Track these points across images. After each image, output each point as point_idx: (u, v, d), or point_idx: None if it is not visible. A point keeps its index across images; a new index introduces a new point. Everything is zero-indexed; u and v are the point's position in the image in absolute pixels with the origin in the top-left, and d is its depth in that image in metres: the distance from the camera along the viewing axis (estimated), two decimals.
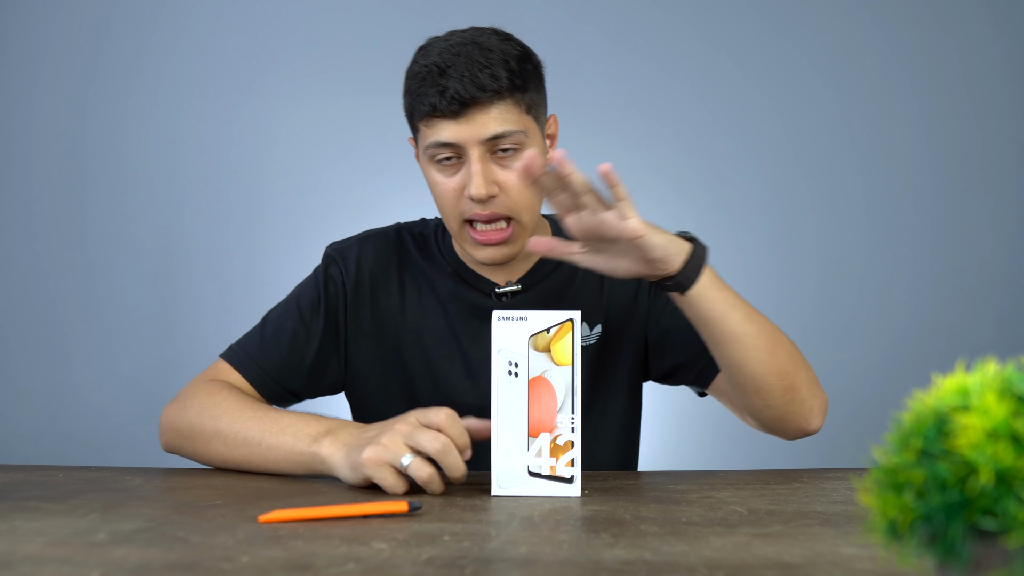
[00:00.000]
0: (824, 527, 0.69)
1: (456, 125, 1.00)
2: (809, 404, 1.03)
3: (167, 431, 1.07)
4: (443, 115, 1.00)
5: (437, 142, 1.02)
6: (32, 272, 2.37)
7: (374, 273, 1.16)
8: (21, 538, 0.65)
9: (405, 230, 1.20)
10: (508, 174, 1.03)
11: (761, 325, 0.99)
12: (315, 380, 1.15)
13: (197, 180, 2.38)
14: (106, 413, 2.32)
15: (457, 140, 1.01)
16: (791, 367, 1.00)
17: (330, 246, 1.20)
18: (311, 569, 0.55)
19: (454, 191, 1.04)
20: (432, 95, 1.00)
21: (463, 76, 0.99)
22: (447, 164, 1.04)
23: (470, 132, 1.00)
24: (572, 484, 0.84)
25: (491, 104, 1.00)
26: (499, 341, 0.85)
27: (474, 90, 0.99)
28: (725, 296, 0.97)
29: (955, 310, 2.30)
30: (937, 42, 2.33)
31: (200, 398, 1.05)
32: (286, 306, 1.16)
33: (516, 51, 1.05)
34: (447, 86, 0.99)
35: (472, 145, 1.01)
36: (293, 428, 0.94)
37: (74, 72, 2.39)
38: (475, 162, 1.01)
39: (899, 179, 2.32)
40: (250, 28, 2.39)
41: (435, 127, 1.02)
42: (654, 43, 2.36)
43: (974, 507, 0.35)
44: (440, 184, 1.05)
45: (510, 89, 1.01)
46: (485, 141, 1.01)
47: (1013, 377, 0.37)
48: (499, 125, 1.01)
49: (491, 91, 1.00)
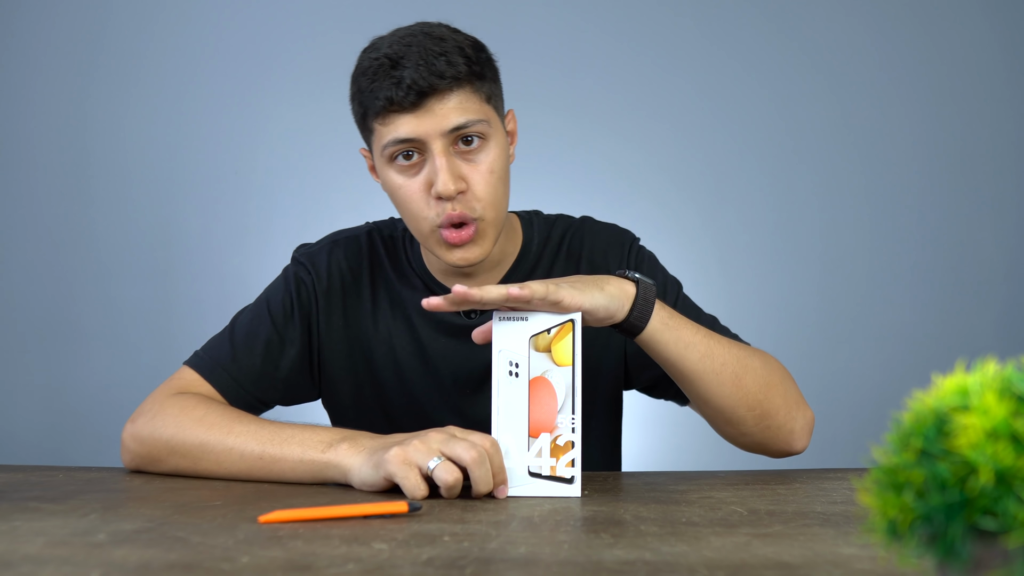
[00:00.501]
0: (824, 527, 0.69)
1: (415, 118, 0.95)
2: (788, 428, 1.00)
3: (135, 448, 1.00)
4: (400, 108, 0.95)
5: (396, 139, 0.96)
6: (32, 272, 2.37)
7: (345, 280, 1.12)
8: (21, 538, 0.65)
9: (376, 232, 1.15)
10: (473, 168, 0.98)
11: (723, 360, 0.96)
12: (290, 389, 1.11)
13: (197, 180, 2.38)
14: (106, 413, 2.32)
15: (417, 135, 0.95)
16: (762, 395, 0.98)
17: (298, 250, 1.16)
18: (311, 569, 0.55)
19: (419, 192, 0.98)
20: (387, 88, 0.94)
21: (418, 65, 0.94)
22: (407, 164, 0.98)
23: (431, 124, 0.95)
24: (572, 484, 0.84)
25: (450, 92, 0.95)
26: (500, 341, 0.85)
27: (431, 78, 0.93)
28: (680, 335, 0.94)
29: (955, 310, 2.30)
30: (938, 42, 2.33)
31: (174, 413, 0.98)
32: (256, 311, 1.11)
33: (469, 40, 1.01)
34: (402, 76, 0.93)
35: (434, 138, 0.95)
36: (299, 437, 0.91)
37: (74, 72, 2.39)
38: (439, 156, 0.95)
39: (900, 179, 2.32)
40: (250, 29, 2.39)
41: (392, 123, 0.96)
42: (655, 42, 2.36)
43: (974, 507, 0.35)
44: (402, 188, 0.99)
45: (468, 76, 0.96)
46: (447, 133, 0.95)
47: (1013, 377, 0.37)
48: (460, 115, 0.96)
49: (449, 78, 0.94)
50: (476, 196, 0.98)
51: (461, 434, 0.84)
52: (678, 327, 0.94)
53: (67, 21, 2.39)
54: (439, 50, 0.95)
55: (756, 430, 0.99)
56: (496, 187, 1.00)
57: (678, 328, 0.94)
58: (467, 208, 0.98)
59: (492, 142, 1.00)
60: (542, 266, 1.13)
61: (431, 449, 0.81)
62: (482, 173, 0.98)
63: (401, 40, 0.97)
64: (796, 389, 1.02)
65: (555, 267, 1.13)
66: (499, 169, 1.00)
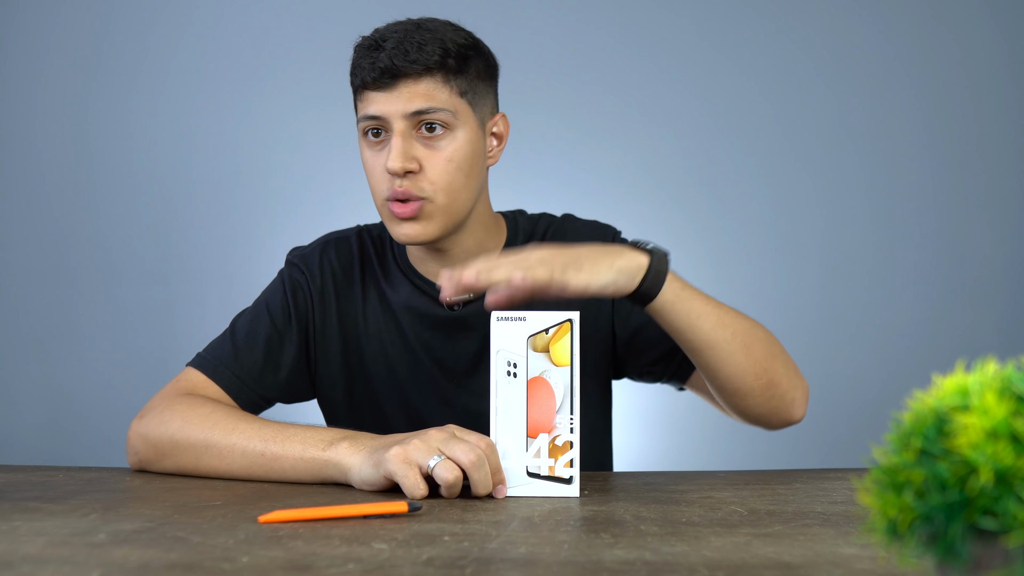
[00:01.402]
0: (824, 527, 0.69)
1: (384, 97, 1.00)
2: (791, 396, 1.02)
3: (141, 447, 1.01)
4: (375, 87, 1.00)
5: (366, 115, 1.02)
6: (32, 272, 2.37)
7: (337, 279, 1.15)
8: (21, 538, 0.65)
9: (365, 232, 1.19)
10: (431, 153, 1.01)
11: (734, 329, 0.97)
12: (291, 387, 1.13)
13: (197, 180, 2.38)
14: (107, 414, 2.32)
15: (382, 113, 1.01)
16: (768, 364, 1.00)
17: (292, 252, 1.19)
18: (311, 569, 0.55)
19: (379, 168, 1.03)
20: (365, 68, 1.01)
21: (394, 49, 0.99)
22: (375, 140, 1.03)
23: (395, 105, 1.00)
24: (571, 484, 0.84)
25: (420, 79, 1.00)
26: (498, 341, 0.85)
27: (403, 62, 0.99)
28: (693, 305, 0.95)
29: (955, 310, 2.30)
30: (937, 42, 2.33)
31: (181, 411, 1.00)
32: (255, 312, 1.14)
33: (462, 39, 1.04)
34: (378, 58, 1.00)
35: (395, 118, 1.00)
36: (301, 436, 0.92)
37: (75, 73, 2.39)
38: (395, 136, 1.00)
39: (899, 179, 2.32)
40: (252, 30, 2.39)
41: (366, 100, 1.02)
42: (653, 44, 2.35)
43: (974, 507, 0.35)
44: (367, 161, 1.05)
45: (441, 67, 1.01)
46: (408, 115, 1.00)
47: (1013, 377, 0.37)
48: (424, 101, 1.00)
49: (420, 64, 0.99)
50: (428, 178, 1.02)
51: (461, 434, 0.84)
52: (691, 297, 0.96)
53: (68, 22, 2.39)
54: (419, 39, 1.00)
55: (762, 399, 1.01)
56: (453, 175, 1.02)
57: (691, 298, 0.96)
58: (414, 187, 1.01)
59: (458, 133, 1.03)
60: None
61: (431, 448, 0.82)
62: (438, 159, 1.02)
63: (393, 26, 1.04)
64: (791, 359, 1.05)
65: None
66: (459, 159, 1.03)
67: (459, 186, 1.03)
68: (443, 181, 1.02)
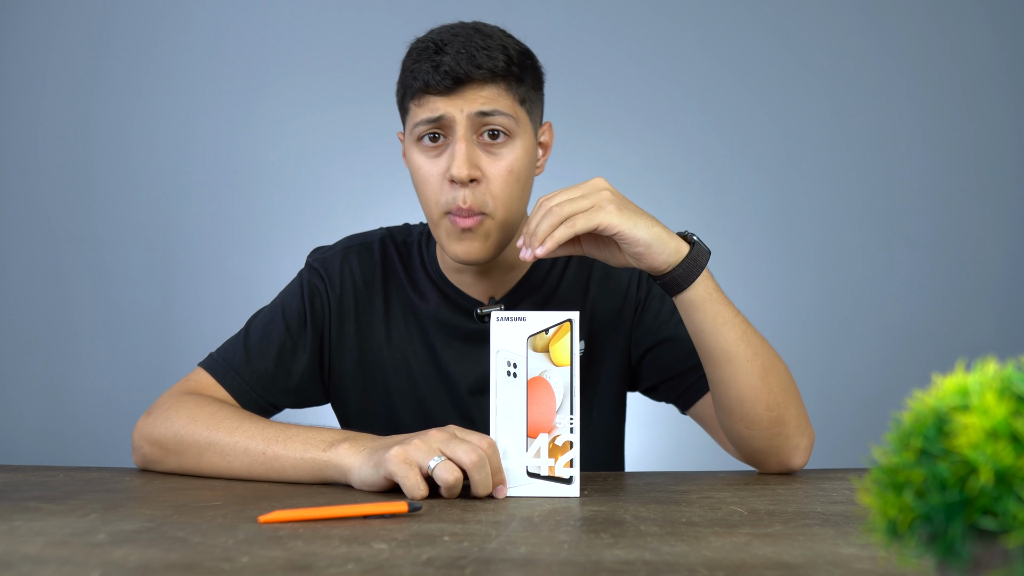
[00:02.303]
0: (824, 527, 0.69)
1: (447, 101, 0.98)
2: (795, 442, 1.00)
3: (146, 444, 1.01)
4: (436, 91, 0.97)
5: (426, 119, 0.98)
6: (32, 272, 2.37)
7: (358, 288, 1.13)
8: (21, 538, 0.64)
9: (389, 239, 1.17)
10: (493, 162, 0.99)
11: (756, 349, 0.96)
12: (301, 393, 1.12)
13: (197, 181, 2.38)
14: (106, 413, 2.32)
15: (445, 113, 0.97)
16: (782, 398, 0.97)
17: (313, 254, 1.17)
18: (311, 569, 0.55)
19: (437, 176, 0.99)
20: (426, 71, 0.97)
21: (459, 53, 0.97)
22: (432, 145, 1.00)
23: (459, 107, 0.97)
24: (571, 484, 0.84)
25: (484, 85, 0.98)
26: (498, 342, 0.85)
27: (469, 67, 0.97)
28: (721, 310, 0.94)
29: (955, 310, 2.30)
30: (935, 43, 2.33)
31: (187, 409, 1.00)
32: (271, 316, 1.12)
33: (518, 46, 1.03)
34: (442, 61, 0.97)
35: (459, 121, 0.97)
36: (303, 436, 0.92)
37: (75, 73, 2.39)
38: (459, 140, 0.97)
39: (899, 179, 2.32)
40: (252, 31, 2.39)
41: (425, 103, 0.99)
42: (653, 44, 2.36)
43: (974, 507, 0.35)
44: (422, 168, 1.01)
45: (505, 75, 0.99)
46: (473, 116, 0.97)
47: (1013, 377, 0.37)
48: (489, 104, 0.98)
49: (486, 70, 0.97)
50: (491, 191, 0.99)
51: (461, 434, 0.84)
52: (722, 301, 0.95)
53: (68, 23, 2.39)
54: (482, 44, 0.98)
55: (767, 434, 0.98)
56: (512, 187, 1.00)
57: (722, 302, 0.95)
58: (478, 203, 0.99)
59: (517, 142, 1.00)
60: (556, 269, 1.14)
61: (432, 448, 0.82)
62: (500, 169, 0.99)
63: (450, 30, 1.01)
64: (804, 404, 1.02)
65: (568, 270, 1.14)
66: (518, 171, 1.00)
67: (516, 199, 1.01)
68: (504, 195, 1.00)
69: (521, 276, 1.12)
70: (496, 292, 1.11)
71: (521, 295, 1.12)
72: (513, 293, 1.12)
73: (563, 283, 1.13)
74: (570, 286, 1.13)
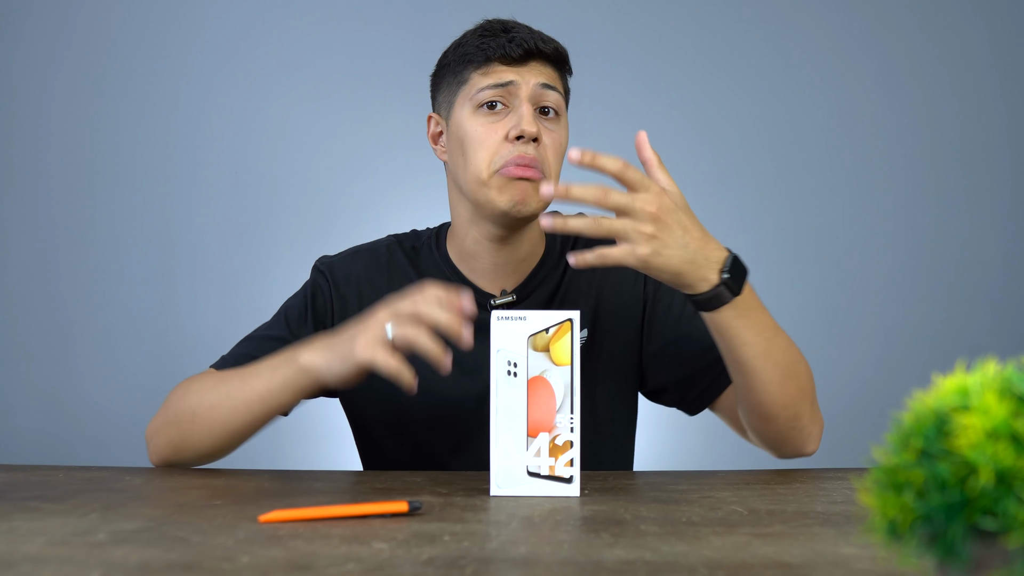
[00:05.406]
0: (824, 527, 0.69)
1: (515, 71, 1.06)
2: (808, 431, 1.04)
3: (153, 439, 1.06)
4: (505, 60, 1.05)
5: (493, 83, 1.05)
6: (32, 272, 2.37)
7: (362, 288, 1.15)
8: (21, 538, 0.65)
9: (397, 245, 1.19)
10: (548, 133, 1.06)
11: (776, 360, 0.97)
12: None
13: (197, 181, 2.38)
14: (106, 413, 2.32)
15: (514, 79, 1.05)
16: (798, 398, 1.00)
17: (319, 259, 1.20)
18: (311, 569, 0.55)
19: (497, 137, 1.05)
20: (500, 42, 1.05)
21: (529, 32, 1.07)
22: (492, 112, 1.06)
23: (528, 76, 1.06)
24: (571, 484, 0.84)
25: (546, 63, 1.08)
26: (498, 341, 0.85)
27: (539, 43, 1.06)
28: (747, 325, 0.95)
29: (955, 310, 2.30)
30: (936, 42, 2.33)
31: (176, 396, 1.06)
32: (275, 317, 1.17)
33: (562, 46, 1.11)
34: (515, 36, 1.06)
35: (526, 89, 1.05)
36: (269, 362, 0.98)
37: (74, 73, 2.39)
38: (525, 103, 1.05)
39: (899, 179, 2.32)
40: (251, 29, 2.39)
41: (492, 72, 1.06)
42: (655, 37, 2.36)
43: (974, 507, 0.35)
44: (480, 130, 1.05)
45: (559, 60, 1.09)
46: (537, 87, 1.06)
47: (1013, 377, 0.37)
48: (551, 80, 1.07)
49: (552, 49, 1.07)
50: (545, 156, 1.05)
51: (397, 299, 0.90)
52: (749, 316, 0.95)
53: (68, 22, 2.39)
54: (541, 34, 1.09)
55: (784, 429, 1.02)
56: (559, 160, 1.07)
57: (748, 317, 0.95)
58: (540, 156, 1.05)
59: (563, 122, 1.10)
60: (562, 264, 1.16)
61: (380, 320, 0.89)
62: (554, 139, 1.07)
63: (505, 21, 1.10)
64: (816, 395, 1.06)
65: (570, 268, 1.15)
66: (562, 147, 1.08)
67: (558, 172, 1.08)
68: (555, 165, 1.07)
69: (532, 269, 1.15)
70: (508, 285, 1.14)
71: (532, 287, 1.14)
72: (524, 285, 1.14)
73: (574, 276, 1.15)
74: (580, 278, 1.15)
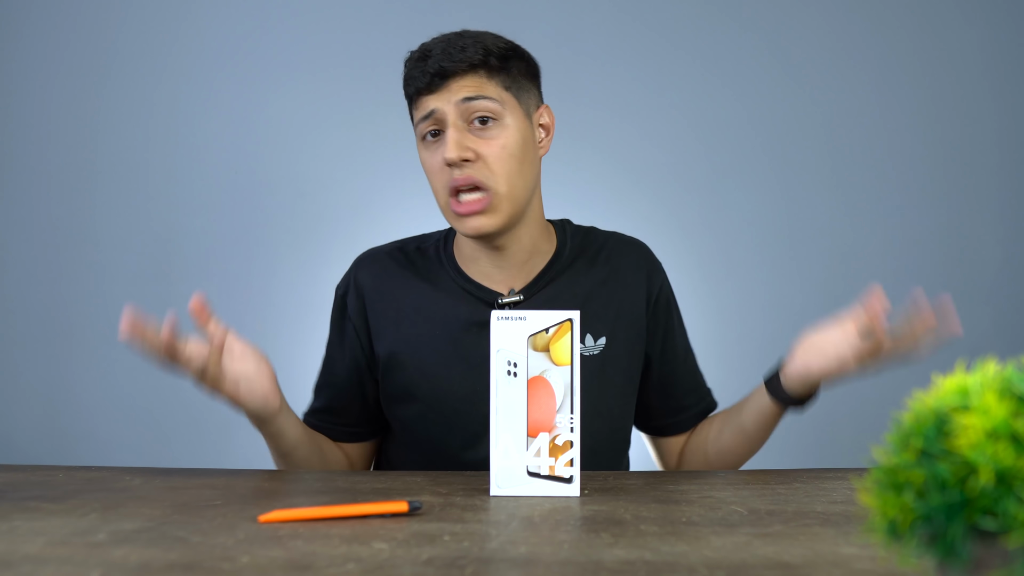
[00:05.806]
0: (824, 527, 0.69)
1: (435, 97, 1.07)
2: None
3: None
4: (427, 91, 1.07)
5: (421, 116, 1.08)
6: (32, 272, 2.37)
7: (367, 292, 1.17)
8: (21, 538, 0.65)
9: (401, 250, 1.21)
10: (485, 144, 1.06)
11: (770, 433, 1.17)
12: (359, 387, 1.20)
13: (197, 180, 2.38)
14: (106, 413, 2.32)
15: (436, 107, 1.06)
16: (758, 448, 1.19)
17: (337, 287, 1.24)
18: (311, 569, 0.55)
19: (438, 165, 1.07)
20: (416, 76, 1.08)
21: (441, 53, 1.07)
22: (433, 141, 1.08)
23: (446, 98, 1.06)
24: (571, 484, 0.84)
25: (466, 75, 1.07)
26: (498, 341, 0.85)
27: (449, 62, 1.06)
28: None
29: (955, 310, 2.30)
30: (936, 42, 2.33)
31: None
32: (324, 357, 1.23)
33: (504, 43, 1.10)
34: (428, 65, 1.07)
35: (448, 111, 1.06)
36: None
37: (74, 73, 2.39)
38: (449, 127, 1.06)
39: (899, 178, 2.32)
40: (251, 29, 2.39)
41: (420, 104, 1.09)
42: (655, 37, 2.35)
43: (974, 507, 0.35)
44: (426, 162, 1.10)
45: (484, 65, 1.07)
46: (459, 104, 1.06)
47: (1013, 377, 0.37)
48: (473, 91, 1.06)
49: (465, 63, 1.06)
50: (488, 168, 1.06)
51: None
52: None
53: (68, 22, 2.39)
54: (461, 43, 1.08)
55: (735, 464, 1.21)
56: (507, 163, 1.07)
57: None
58: (476, 174, 1.06)
59: (507, 122, 1.08)
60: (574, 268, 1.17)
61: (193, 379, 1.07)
62: (494, 148, 1.06)
63: (437, 38, 1.10)
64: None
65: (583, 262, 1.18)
66: (512, 147, 1.07)
67: (515, 173, 1.08)
68: (501, 169, 1.06)
69: (540, 269, 1.15)
70: (515, 284, 1.15)
71: (539, 287, 1.14)
72: (532, 285, 1.14)
73: (580, 276, 1.16)
74: (587, 279, 1.16)
